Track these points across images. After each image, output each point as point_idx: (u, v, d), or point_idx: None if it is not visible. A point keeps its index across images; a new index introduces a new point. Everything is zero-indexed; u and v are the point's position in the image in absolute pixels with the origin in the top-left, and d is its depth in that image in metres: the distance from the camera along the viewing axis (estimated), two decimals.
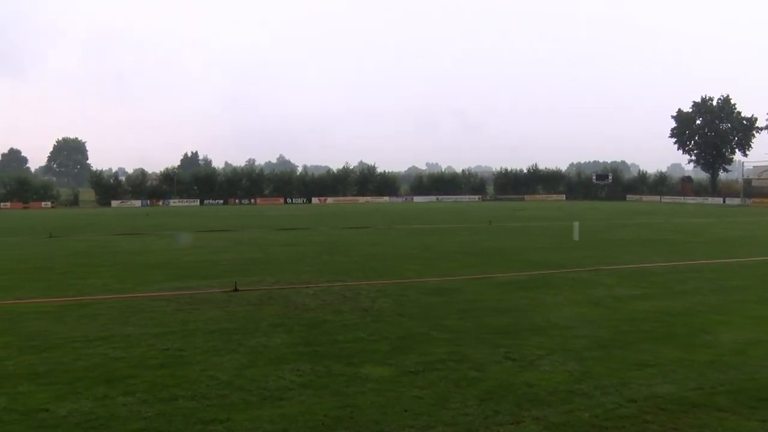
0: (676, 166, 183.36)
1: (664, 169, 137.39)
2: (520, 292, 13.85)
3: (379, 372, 7.92)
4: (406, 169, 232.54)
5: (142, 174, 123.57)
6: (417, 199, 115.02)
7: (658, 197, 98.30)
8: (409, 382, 7.50)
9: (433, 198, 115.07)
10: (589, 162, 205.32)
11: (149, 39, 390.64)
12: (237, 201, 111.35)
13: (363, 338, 9.72)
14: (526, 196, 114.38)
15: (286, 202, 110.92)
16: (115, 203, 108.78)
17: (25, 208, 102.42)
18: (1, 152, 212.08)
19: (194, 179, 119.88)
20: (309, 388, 7.30)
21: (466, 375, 7.78)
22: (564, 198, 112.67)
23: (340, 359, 8.48)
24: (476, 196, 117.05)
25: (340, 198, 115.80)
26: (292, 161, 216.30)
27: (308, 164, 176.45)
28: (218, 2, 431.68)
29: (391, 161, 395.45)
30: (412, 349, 9.04)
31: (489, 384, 7.43)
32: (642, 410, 6.55)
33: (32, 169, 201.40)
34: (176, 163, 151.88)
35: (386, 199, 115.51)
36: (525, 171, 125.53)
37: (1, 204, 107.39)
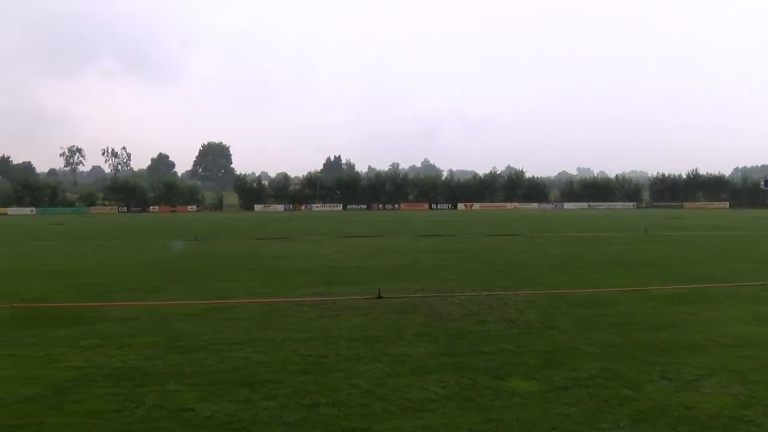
0: None
1: None
2: (677, 307, 13.20)
3: (525, 386, 7.80)
4: (556, 173, 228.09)
5: (284, 178, 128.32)
6: (567, 205, 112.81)
7: None
8: (557, 398, 7.34)
9: (584, 205, 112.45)
10: (757, 166, 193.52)
11: (290, 41, 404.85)
12: (380, 206, 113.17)
13: (509, 350, 9.60)
14: (684, 204, 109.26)
15: (430, 207, 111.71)
16: (258, 207, 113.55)
17: (172, 211, 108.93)
18: (150, 157, 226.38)
19: (337, 184, 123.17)
20: (452, 401, 7.30)
21: (618, 393, 7.51)
22: (727, 206, 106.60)
23: (485, 371, 8.42)
24: (630, 203, 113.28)
25: (487, 204, 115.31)
26: (437, 165, 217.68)
27: (454, 168, 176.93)
28: (359, 2, 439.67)
29: (540, 166, 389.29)
30: (561, 363, 8.83)
31: (643, 404, 7.13)
32: None
33: (179, 174, 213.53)
34: (319, 167, 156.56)
35: (535, 205, 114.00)
36: (684, 176, 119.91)
37: (150, 207, 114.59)
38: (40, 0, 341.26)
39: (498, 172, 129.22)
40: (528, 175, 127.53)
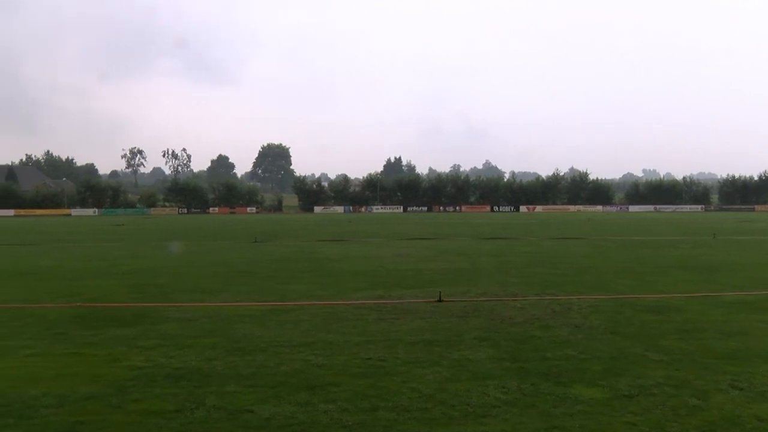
0: None
1: None
2: (749, 314, 12.84)
3: (589, 393, 7.71)
4: (620, 176, 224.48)
5: (344, 180, 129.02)
6: (632, 208, 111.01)
7: None
8: (621, 407, 7.24)
9: (650, 207, 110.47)
10: None
11: (350, 41, 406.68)
12: (441, 208, 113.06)
13: (573, 356, 9.51)
14: (756, 207, 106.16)
15: (492, 210, 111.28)
16: (317, 209, 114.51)
17: (231, 213, 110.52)
18: (210, 158, 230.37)
19: (397, 185, 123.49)
20: (514, 406, 7.27)
21: (686, 403, 7.37)
22: None
23: (548, 377, 8.36)
24: (698, 206, 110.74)
25: (550, 206, 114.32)
26: (499, 167, 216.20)
27: (516, 170, 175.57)
28: (417, 2, 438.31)
29: (604, 168, 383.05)
30: (626, 370, 8.70)
31: (712, 414, 6.98)
32: None
33: (239, 175, 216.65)
34: (379, 168, 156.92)
35: (599, 208, 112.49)
36: (756, 178, 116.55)
37: (210, 209, 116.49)
38: (102, 4, 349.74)
39: (561, 174, 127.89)
40: (592, 176, 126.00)
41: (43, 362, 9.47)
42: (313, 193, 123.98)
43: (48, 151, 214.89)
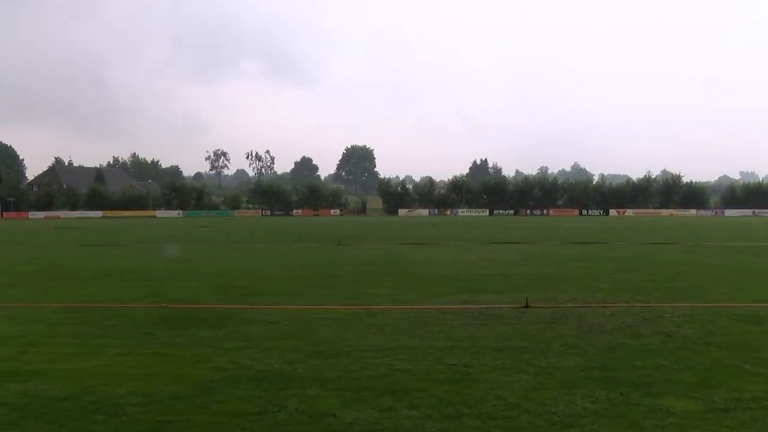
0: None
1: None
2: None
3: (682, 405, 7.49)
4: (716, 178, 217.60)
5: (429, 182, 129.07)
6: (728, 212, 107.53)
7: None
8: (716, 420, 6.99)
9: (747, 212, 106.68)
10: None
11: (433, 42, 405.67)
12: (528, 212, 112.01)
13: (665, 366, 9.25)
14: None
15: (581, 213, 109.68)
16: (402, 212, 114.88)
17: (315, 215, 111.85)
18: (294, 160, 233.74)
19: (483, 188, 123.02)
20: (603, 417, 7.12)
21: None
22: None
23: (638, 387, 8.16)
24: None
25: (641, 210, 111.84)
26: (588, 169, 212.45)
27: (605, 173, 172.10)
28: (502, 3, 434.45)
29: (698, 170, 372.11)
30: (722, 382, 8.41)
31: None
32: None
33: (322, 177, 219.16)
34: (464, 170, 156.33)
35: (693, 212, 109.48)
36: None
37: (293, 211, 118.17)
38: (186, 8, 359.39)
39: (653, 176, 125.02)
40: (685, 179, 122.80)
41: (130, 361, 9.79)
42: (398, 195, 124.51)
43: (134, 154, 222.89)
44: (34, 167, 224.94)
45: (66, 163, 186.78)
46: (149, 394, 7.98)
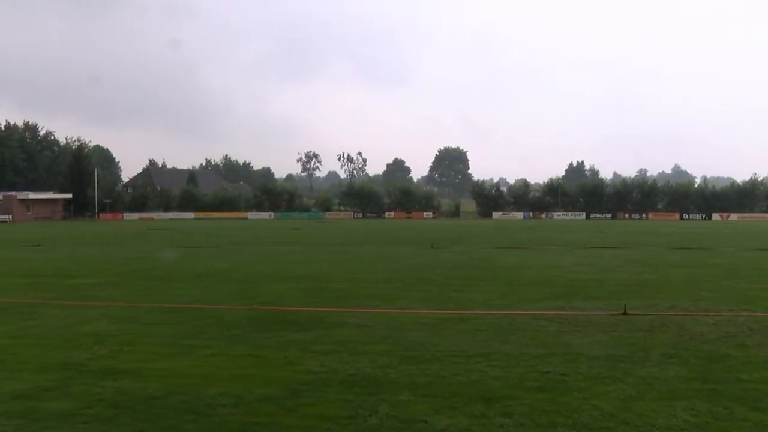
0: None
1: None
2: None
3: None
4: None
5: (524, 184, 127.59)
6: None
7: None
8: None
9: None
10: None
11: (527, 41, 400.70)
12: (626, 215, 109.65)
13: None
14: None
15: (681, 217, 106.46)
16: (496, 215, 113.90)
17: (407, 217, 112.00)
18: (386, 162, 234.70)
19: (580, 191, 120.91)
20: (704, 431, 6.91)
21: None
22: None
23: (743, 401, 7.87)
24: None
25: (746, 214, 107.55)
26: (690, 172, 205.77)
27: (708, 175, 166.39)
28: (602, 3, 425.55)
29: None
30: None
31: None
32: None
33: (415, 179, 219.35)
34: (560, 173, 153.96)
35: None
36: None
37: (386, 213, 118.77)
38: (276, 9, 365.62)
39: (759, 179, 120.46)
40: None
41: (221, 362, 10.06)
42: (492, 198, 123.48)
43: (226, 155, 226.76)
44: (129, 169, 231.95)
45: (159, 165, 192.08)
46: (238, 396, 8.17)
